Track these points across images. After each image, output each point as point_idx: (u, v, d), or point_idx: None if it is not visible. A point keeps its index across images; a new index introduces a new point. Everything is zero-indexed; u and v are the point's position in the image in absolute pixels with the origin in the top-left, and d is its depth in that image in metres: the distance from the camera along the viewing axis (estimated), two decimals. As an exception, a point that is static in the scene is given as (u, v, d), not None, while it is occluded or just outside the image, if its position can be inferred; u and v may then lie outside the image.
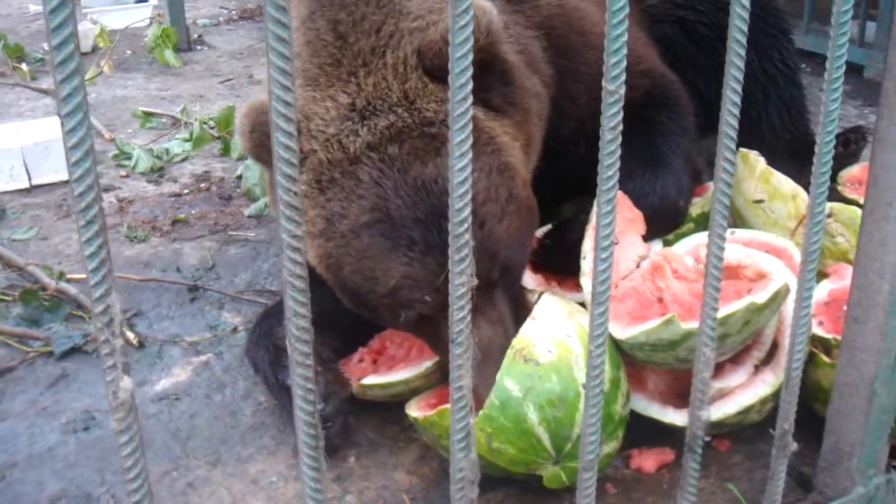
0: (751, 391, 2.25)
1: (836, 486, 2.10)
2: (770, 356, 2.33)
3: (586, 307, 2.38)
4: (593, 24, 2.88)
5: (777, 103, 3.59)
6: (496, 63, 2.31)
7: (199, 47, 7.11)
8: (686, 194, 2.78)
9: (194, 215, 4.03)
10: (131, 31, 7.16)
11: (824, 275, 2.61)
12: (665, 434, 2.33)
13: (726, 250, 1.60)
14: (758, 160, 2.99)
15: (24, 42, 6.76)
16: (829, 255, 2.75)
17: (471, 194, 1.19)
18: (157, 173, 4.54)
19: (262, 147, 2.25)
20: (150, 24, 6.99)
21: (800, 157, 3.34)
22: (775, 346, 2.34)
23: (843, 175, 3.53)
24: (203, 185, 4.37)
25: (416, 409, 2.33)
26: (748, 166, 3.00)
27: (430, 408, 2.29)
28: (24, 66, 6.18)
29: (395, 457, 2.43)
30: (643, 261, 2.41)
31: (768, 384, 2.26)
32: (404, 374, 2.43)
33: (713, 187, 1.56)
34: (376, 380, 2.46)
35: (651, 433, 2.35)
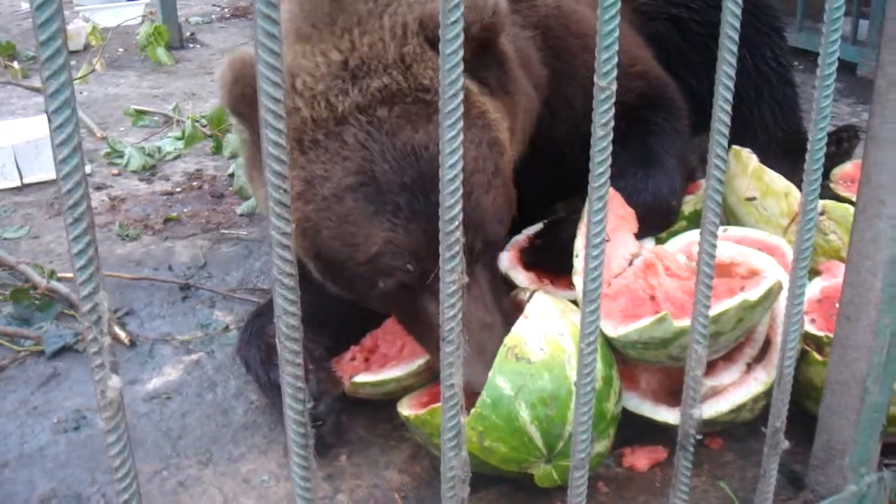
0: (743, 389, 2.25)
1: (827, 484, 2.10)
2: (762, 354, 2.33)
3: (579, 305, 2.37)
4: (590, 27, 2.87)
5: (770, 101, 3.60)
6: (496, 48, 2.29)
7: (191, 45, 7.11)
8: (678, 193, 2.78)
9: (186, 214, 4.02)
10: (123, 29, 7.14)
11: (817, 272, 2.61)
12: (657, 432, 2.33)
13: (719, 248, 1.60)
14: (750, 158, 2.98)
15: (15, 40, 6.73)
16: (822, 253, 2.75)
17: (461, 191, 1.18)
18: (149, 172, 4.53)
19: (243, 99, 2.17)
20: (143, 21, 6.97)
21: (792, 154, 3.34)
22: (768, 344, 2.34)
23: (835, 173, 3.53)
24: (195, 184, 4.36)
25: (407, 407, 2.32)
26: (741, 164, 2.99)
27: (422, 406, 2.28)
28: (16, 65, 6.16)
29: (387, 455, 2.42)
30: (635, 259, 2.41)
31: (760, 382, 2.26)
32: (396, 373, 2.42)
33: (705, 185, 1.56)
34: (368, 378, 2.46)
35: (643, 431, 2.35)
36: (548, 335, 2.17)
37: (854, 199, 1.99)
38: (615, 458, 2.35)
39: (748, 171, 2.95)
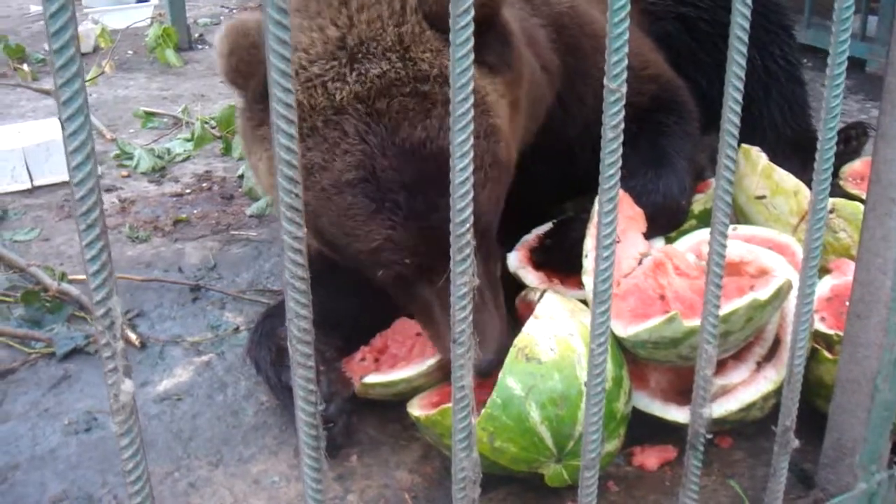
0: (753, 388, 2.25)
1: (838, 482, 2.10)
2: (772, 352, 2.33)
3: (588, 305, 2.38)
4: (602, 29, 2.86)
5: (778, 100, 3.59)
6: (496, 21, 2.24)
7: (200, 46, 7.12)
8: (688, 193, 2.78)
9: (196, 215, 4.03)
10: (132, 31, 7.16)
11: (826, 270, 2.61)
12: (667, 431, 2.33)
13: (728, 247, 1.60)
14: (760, 156, 2.98)
15: (25, 43, 6.76)
16: (832, 251, 2.75)
17: (472, 193, 1.19)
18: (159, 173, 4.54)
19: (238, 72, 2.17)
20: (151, 23, 6.99)
21: (802, 153, 3.34)
22: (777, 343, 2.33)
23: (845, 170, 3.52)
24: (205, 185, 4.37)
25: (417, 407, 2.33)
26: (750, 163, 2.99)
27: (432, 406, 2.29)
28: (26, 67, 6.18)
29: (397, 455, 2.43)
30: (645, 258, 2.41)
31: (770, 381, 2.26)
32: (406, 373, 2.43)
33: (715, 184, 1.56)
34: (378, 378, 2.46)
35: (653, 431, 2.35)
36: (558, 335, 2.17)
37: (864, 196, 1.98)
38: (625, 457, 2.36)
39: (757, 170, 2.95)
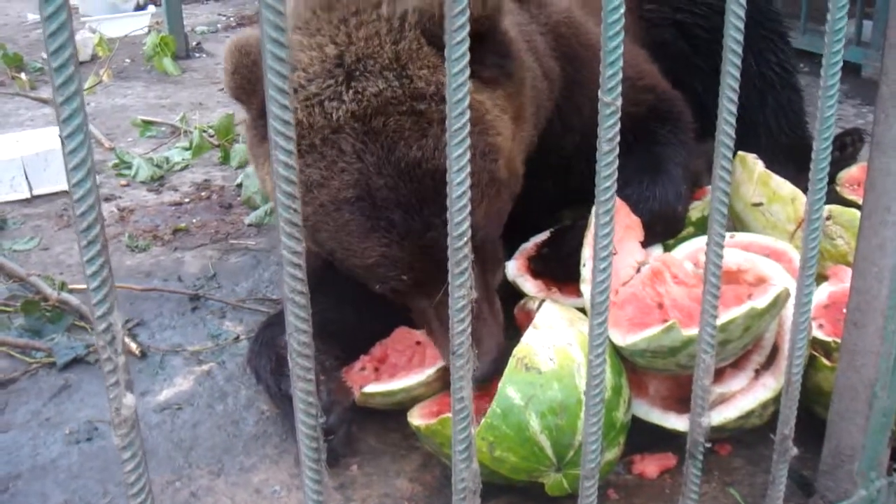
0: (752, 396, 2.26)
1: (837, 489, 2.11)
2: (770, 360, 2.33)
3: (587, 313, 2.39)
4: (598, 39, 2.88)
5: (774, 107, 3.61)
6: (493, 35, 2.24)
7: (197, 55, 7.14)
8: (684, 200, 2.79)
9: (195, 224, 4.04)
10: (130, 40, 7.18)
11: (824, 277, 2.62)
12: (667, 439, 2.33)
13: (725, 255, 1.61)
14: (756, 163, 2.99)
15: (22, 51, 6.78)
16: (829, 258, 2.76)
17: (469, 208, 1.19)
18: (158, 182, 4.56)
19: (242, 89, 2.26)
20: (149, 32, 7.01)
21: (798, 160, 3.35)
22: (776, 350, 2.34)
23: (841, 176, 3.54)
24: (203, 194, 4.38)
25: (418, 417, 2.34)
26: (746, 170, 3.00)
27: (433, 416, 2.29)
28: (23, 76, 6.20)
29: (398, 464, 2.44)
30: (642, 267, 2.42)
31: (769, 388, 2.26)
32: (406, 382, 2.43)
33: (711, 194, 1.57)
34: (378, 388, 2.47)
35: (653, 439, 2.36)
36: (557, 345, 2.18)
37: (860, 202, 1.99)
38: (625, 466, 2.36)
39: (754, 177, 2.96)
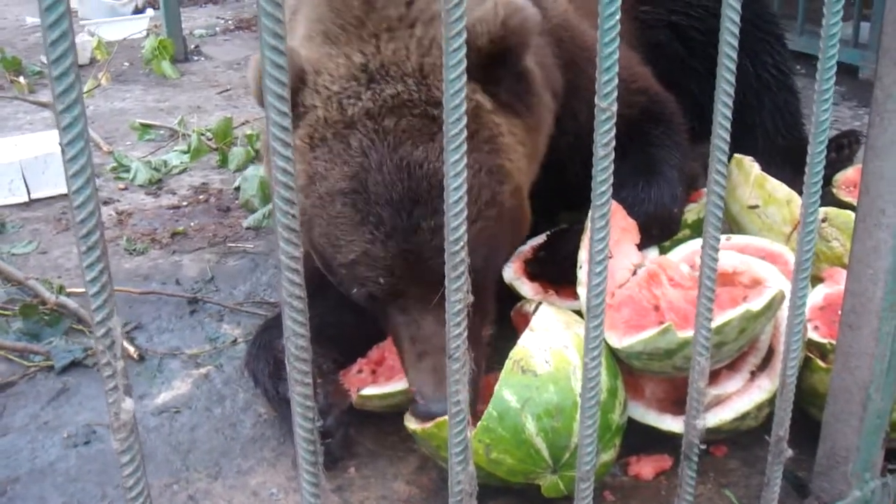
0: (747, 397, 2.27)
1: (832, 490, 2.12)
2: (766, 362, 2.35)
3: (583, 316, 2.40)
4: (593, 41, 2.88)
5: (771, 108, 3.62)
6: (513, 60, 2.25)
7: (196, 58, 7.14)
8: (680, 202, 2.80)
9: (193, 227, 4.04)
10: (128, 43, 7.18)
11: (820, 279, 2.63)
12: (663, 441, 2.35)
13: (721, 257, 1.62)
14: (752, 166, 3.01)
15: (21, 55, 6.78)
16: (825, 260, 2.77)
17: (466, 212, 1.20)
18: (156, 185, 4.56)
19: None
20: (148, 35, 7.01)
21: (794, 162, 3.36)
22: (771, 352, 2.35)
23: (838, 178, 3.54)
24: (201, 197, 4.39)
25: (414, 420, 2.34)
26: (743, 172, 3.02)
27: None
28: (22, 80, 6.19)
29: (395, 467, 2.44)
30: (638, 269, 2.43)
31: (764, 390, 2.28)
32: (403, 385, 2.44)
33: (706, 197, 1.58)
34: (375, 391, 2.48)
35: (649, 440, 2.37)
36: (553, 348, 2.19)
37: (856, 204, 2.00)
38: (621, 467, 2.37)
39: (750, 180, 2.97)
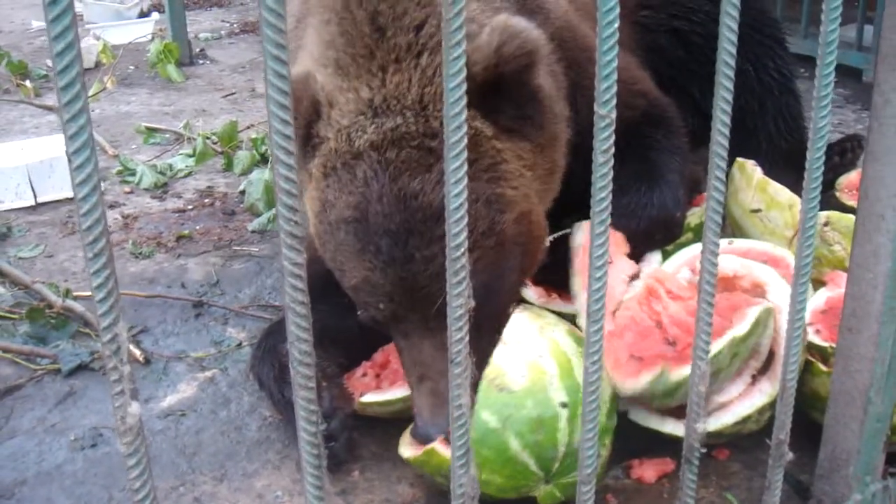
0: (748, 401, 2.28)
1: (833, 493, 2.13)
2: (767, 365, 2.36)
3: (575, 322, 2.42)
4: (593, 42, 2.89)
5: (773, 112, 3.62)
6: (511, 84, 2.27)
7: (201, 61, 7.15)
8: (682, 206, 2.81)
9: (198, 231, 4.06)
10: (134, 47, 7.20)
11: (822, 283, 2.64)
12: (665, 444, 2.36)
13: (722, 261, 1.64)
14: (755, 170, 3.02)
15: (27, 58, 6.79)
16: (827, 264, 2.78)
17: (466, 219, 1.22)
18: (161, 189, 4.58)
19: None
20: (153, 39, 7.04)
21: (797, 165, 3.33)
22: (772, 356, 2.36)
23: (841, 182, 3.55)
24: (207, 201, 4.41)
25: (407, 446, 2.33)
26: (745, 176, 3.03)
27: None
28: (28, 83, 6.21)
29: (399, 470, 2.46)
30: (634, 280, 2.44)
31: (765, 394, 2.29)
32: (403, 392, 2.44)
33: (706, 204, 1.59)
34: (376, 398, 2.49)
35: (651, 444, 2.38)
36: (527, 360, 2.18)
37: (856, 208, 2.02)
38: (623, 470, 2.39)
39: (752, 183, 2.98)
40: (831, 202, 3.36)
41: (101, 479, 2.49)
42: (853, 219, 2.66)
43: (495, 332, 2.30)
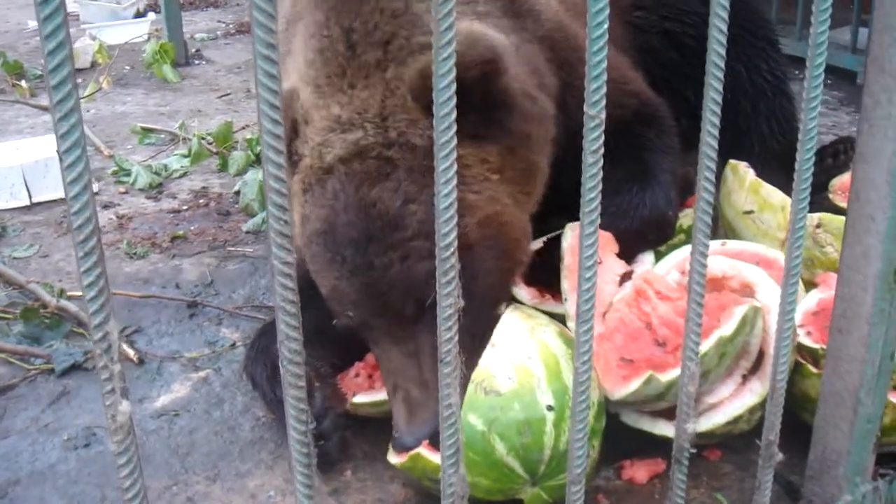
0: (739, 401, 2.29)
1: (823, 494, 2.14)
2: (757, 365, 2.36)
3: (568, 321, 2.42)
4: (585, 41, 2.89)
5: (766, 114, 3.63)
6: (474, 92, 2.26)
7: (196, 62, 7.16)
8: (674, 206, 2.82)
9: (193, 231, 4.07)
10: (130, 47, 7.19)
11: (813, 284, 2.65)
12: (657, 445, 2.36)
13: (711, 262, 1.64)
14: (747, 171, 3.03)
15: (22, 58, 6.79)
16: (819, 265, 2.79)
17: (455, 219, 1.23)
18: (156, 189, 4.58)
19: None
20: (149, 39, 7.03)
21: (790, 167, 3.34)
22: (762, 355, 2.37)
23: (834, 183, 3.56)
24: (201, 201, 4.41)
25: (393, 453, 2.31)
26: (738, 178, 3.04)
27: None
28: (24, 83, 6.21)
29: (391, 470, 2.45)
30: (625, 279, 2.45)
31: (756, 394, 2.29)
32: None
33: (695, 207, 1.60)
34: (368, 398, 2.50)
35: (643, 444, 2.39)
36: (515, 362, 2.18)
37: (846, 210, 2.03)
38: (615, 471, 2.39)
39: (745, 185, 2.99)
40: (824, 204, 3.37)
41: (95, 479, 2.49)
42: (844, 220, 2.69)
43: (479, 334, 2.30)
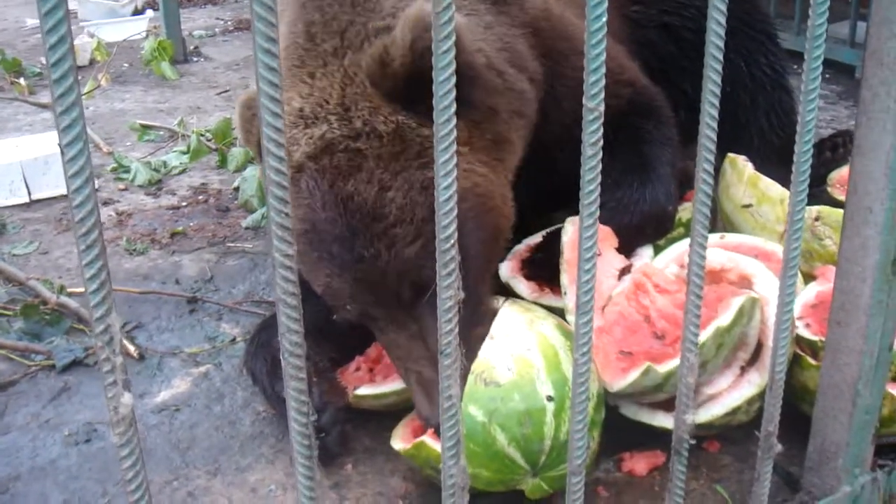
0: (737, 392, 2.30)
1: (822, 485, 2.15)
2: (755, 356, 2.37)
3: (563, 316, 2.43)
4: (577, 30, 2.90)
5: (765, 107, 3.63)
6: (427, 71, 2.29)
7: (195, 59, 7.16)
8: (674, 199, 2.82)
9: (192, 227, 4.07)
10: (128, 44, 7.19)
11: (812, 277, 2.66)
12: (656, 437, 2.37)
13: (709, 255, 1.65)
14: (746, 165, 3.03)
15: (21, 56, 6.80)
16: (818, 258, 2.79)
17: (455, 212, 1.23)
18: (156, 186, 4.58)
19: (250, 139, 2.46)
20: (147, 36, 7.02)
21: (788, 161, 3.35)
22: (760, 347, 2.37)
23: (832, 176, 3.57)
24: (201, 198, 4.41)
25: (399, 439, 2.34)
26: (736, 171, 3.04)
27: (414, 434, 2.31)
28: (22, 81, 6.21)
29: (391, 463, 2.47)
30: (624, 274, 2.46)
31: (754, 385, 2.30)
32: (397, 385, 2.46)
33: (694, 200, 1.61)
34: (369, 391, 2.50)
35: (642, 437, 2.40)
36: (515, 353, 2.18)
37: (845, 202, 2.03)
38: (615, 463, 2.40)
39: (744, 179, 3.00)
40: (823, 197, 3.38)
41: (95, 474, 2.50)
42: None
43: (474, 312, 2.31)
